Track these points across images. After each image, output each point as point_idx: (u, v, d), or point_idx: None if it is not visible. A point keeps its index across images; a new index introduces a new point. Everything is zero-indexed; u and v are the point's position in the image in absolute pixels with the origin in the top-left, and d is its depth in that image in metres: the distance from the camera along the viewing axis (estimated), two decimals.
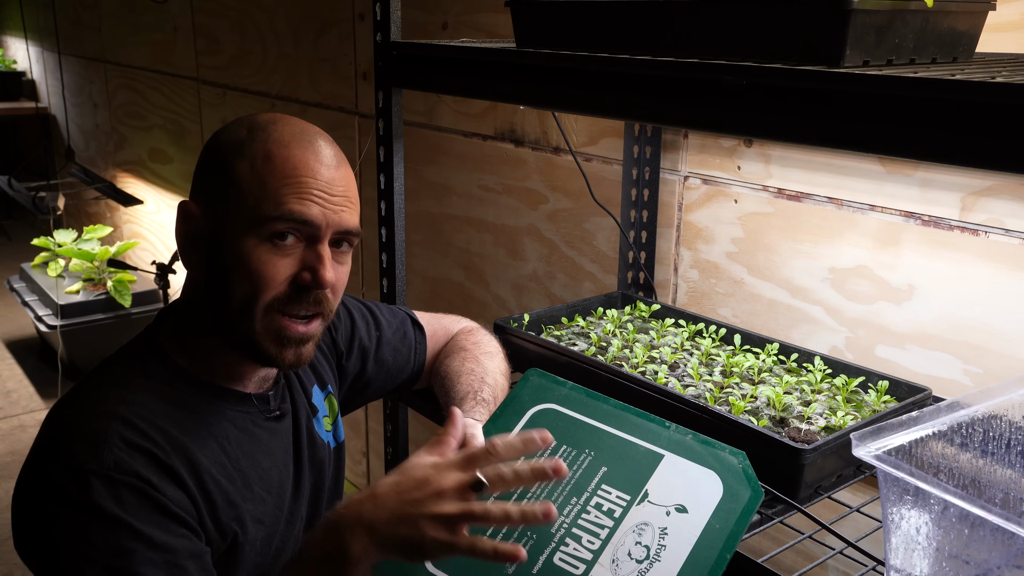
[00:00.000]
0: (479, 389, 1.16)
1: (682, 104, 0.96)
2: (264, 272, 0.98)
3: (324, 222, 0.99)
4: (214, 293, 1.01)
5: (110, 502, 0.89)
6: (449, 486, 0.87)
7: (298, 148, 1.00)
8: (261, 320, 0.99)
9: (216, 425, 1.02)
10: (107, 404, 0.96)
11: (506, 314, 1.87)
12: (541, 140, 1.98)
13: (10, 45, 6.45)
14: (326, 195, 0.99)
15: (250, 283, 0.98)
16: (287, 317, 1.00)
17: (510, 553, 0.84)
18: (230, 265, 0.99)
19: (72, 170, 4.93)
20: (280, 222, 0.97)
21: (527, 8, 1.16)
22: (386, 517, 0.87)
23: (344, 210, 1.01)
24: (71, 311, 3.61)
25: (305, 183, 0.98)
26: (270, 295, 0.98)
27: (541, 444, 0.89)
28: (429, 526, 0.85)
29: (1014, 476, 0.96)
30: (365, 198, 2.62)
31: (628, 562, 0.89)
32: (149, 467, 0.92)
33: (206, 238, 1.01)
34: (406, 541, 0.86)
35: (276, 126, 1.02)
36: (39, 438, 0.97)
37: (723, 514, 0.92)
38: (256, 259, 0.98)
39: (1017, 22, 1.19)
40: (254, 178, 0.98)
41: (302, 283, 0.99)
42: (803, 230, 1.48)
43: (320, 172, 0.99)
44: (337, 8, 2.58)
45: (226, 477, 1.00)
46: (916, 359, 1.36)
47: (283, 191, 0.97)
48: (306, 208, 0.98)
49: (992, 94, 0.70)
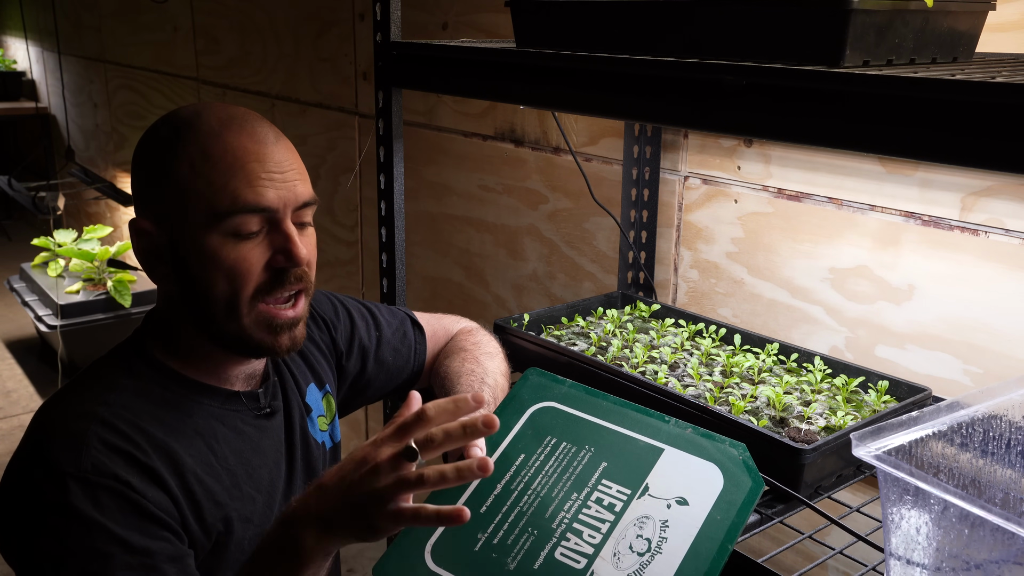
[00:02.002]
0: (479, 389, 1.16)
1: (682, 104, 0.96)
2: (239, 267, 0.97)
3: (281, 203, 0.98)
4: (193, 300, 1.00)
5: (88, 505, 0.88)
6: (383, 460, 0.86)
7: (232, 135, 0.98)
8: (248, 314, 0.99)
9: (203, 423, 1.02)
10: (88, 405, 0.96)
11: (506, 314, 1.87)
12: (541, 140, 1.98)
13: (10, 45, 6.45)
14: (276, 174, 0.98)
15: (228, 281, 0.97)
16: (273, 304, 1.00)
17: (452, 514, 0.83)
18: (200, 270, 0.98)
19: (72, 170, 4.93)
20: (238, 215, 0.96)
21: (527, 8, 1.16)
22: (331, 504, 0.87)
23: (296, 183, 1.00)
24: (71, 311, 3.61)
25: (252, 169, 0.97)
26: (251, 287, 0.98)
27: (474, 404, 0.88)
28: (371, 503, 0.85)
29: (1014, 476, 0.96)
30: (365, 198, 2.63)
31: (630, 555, 0.89)
32: (128, 469, 0.92)
33: (166, 250, 1.00)
34: (354, 522, 0.86)
35: (201, 119, 0.99)
36: (24, 438, 0.96)
37: (724, 505, 0.92)
38: (226, 257, 0.97)
39: (1017, 22, 1.19)
40: (198, 178, 0.96)
41: (278, 266, 0.99)
42: (803, 230, 1.48)
43: (263, 153, 0.98)
44: (337, 8, 2.58)
45: (212, 476, 1.00)
46: (916, 359, 1.36)
47: (232, 183, 0.96)
48: (261, 194, 0.96)
49: (992, 94, 0.70)
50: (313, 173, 2.88)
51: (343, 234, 2.76)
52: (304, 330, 1.05)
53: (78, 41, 4.86)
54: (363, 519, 0.86)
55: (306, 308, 1.04)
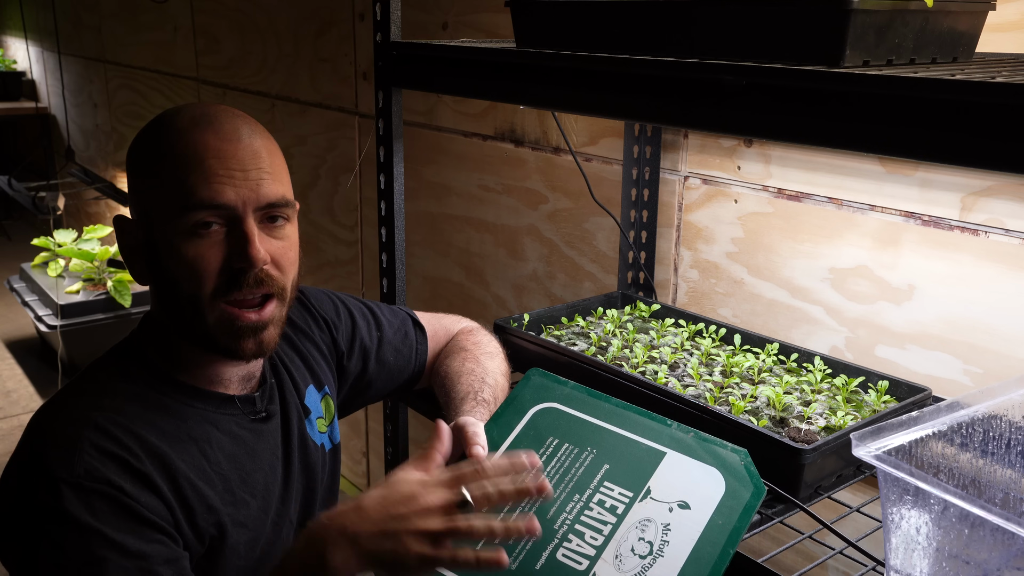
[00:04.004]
0: (479, 389, 1.16)
1: (682, 104, 0.96)
2: (196, 265, 0.96)
3: (239, 201, 0.96)
4: (164, 297, 1.01)
5: (81, 510, 0.88)
6: (435, 503, 0.86)
7: (198, 132, 0.97)
8: (211, 313, 0.98)
9: (197, 428, 1.02)
10: (82, 410, 0.96)
11: (506, 314, 1.87)
12: (541, 140, 1.98)
13: (10, 45, 6.45)
14: (237, 172, 0.96)
15: (188, 279, 0.97)
16: (236, 307, 0.98)
17: (492, 560, 0.84)
18: (168, 266, 0.98)
19: (72, 170, 4.93)
20: (196, 211, 0.95)
21: (527, 8, 1.16)
22: (370, 530, 0.87)
23: (262, 182, 0.98)
24: (71, 311, 3.61)
25: (209, 166, 0.96)
26: (208, 286, 0.97)
27: (528, 467, 0.90)
28: (413, 541, 0.85)
29: (1014, 476, 0.96)
30: (365, 198, 2.63)
31: (631, 557, 0.89)
32: (122, 474, 0.92)
33: (143, 245, 1.00)
34: (389, 555, 0.86)
35: (179, 116, 1.00)
36: (20, 443, 0.96)
37: (725, 510, 0.92)
38: (186, 254, 0.96)
39: (1017, 22, 1.19)
40: (166, 173, 0.97)
41: (235, 267, 0.97)
42: (803, 230, 1.48)
43: (224, 150, 0.96)
44: (337, 8, 2.58)
45: (205, 481, 0.99)
46: (916, 359, 1.36)
47: (191, 179, 0.95)
48: (217, 192, 0.95)
49: (992, 94, 0.70)
50: (313, 173, 2.90)
51: (343, 234, 2.76)
52: (276, 335, 1.02)
53: (78, 41, 4.86)
54: (398, 554, 0.86)
55: (276, 312, 1.01)
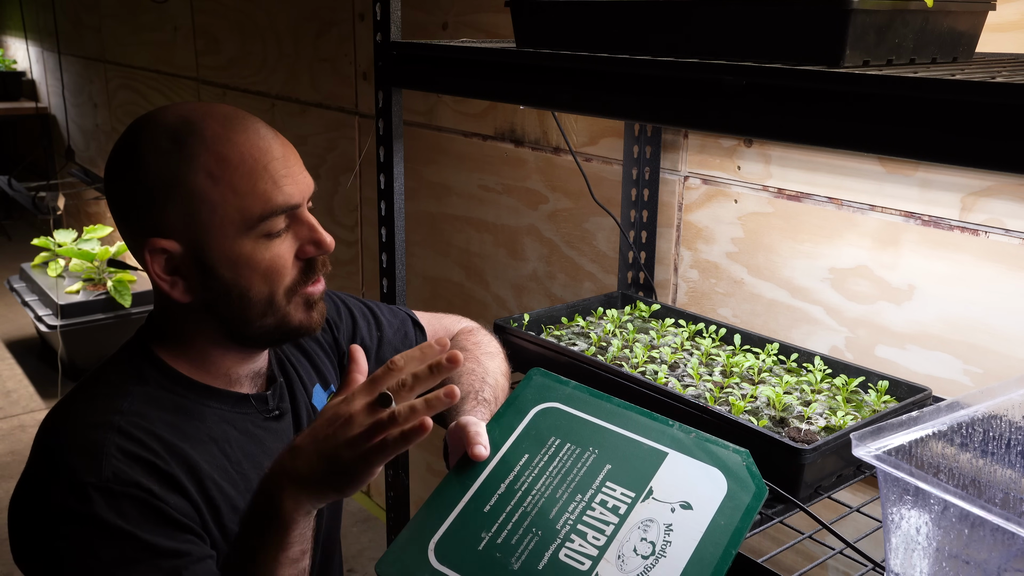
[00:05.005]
0: (480, 389, 1.16)
1: (682, 104, 0.96)
2: (275, 265, 0.99)
3: (301, 195, 1.00)
4: (227, 306, 0.99)
5: (112, 514, 0.88)
6: (356, 409, 0.87)
7: (241, 136, 0.97)
8: (286, 305, 1.01)
9: (215, 428, 1.02)
10: (102, 414, 0.95)
11: (506, 314, 1.87)
12: (541, 140, 1.98)
13: (10, 45, 6.45)
14: (291, 167, 0.99)
15: (265, 282, 0.99)
16: (304, 286, 1.03)
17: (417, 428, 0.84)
18: (234, 276, 0.98)
19: (72, 170, 4.93)
20: (274, 217, 0.97)
21: (527, 8, 1.16)
22: (306, 462, 0.87)
23: (304, 173, 1.02)
24: (71, 311, 3.61)
25: (272, 168, 0.97)
26: (287, 282, 1.00)
27: (439, 348, 0.90)
28: (346, 451, 0.85)
29: (1014, 476, 0.96)
30: (365, 198, 2.63)
31: (634, 558, 0.89)
32: (149, 476, 0.92)
33: (189, 265, 0.98)
34: (331, 475, 0.87)
35: (204, 124, 0.96)
36: (36, 450, 0.96)
37: (728, 511, 0.92)
38: (261, 259, 0.98)
39: (1017, 22, 1.19)
40: (219, 186, 0.95)
41: (310, 256, 1.02)
42: (803, 230, 1.49)
43: (273, 150, 0.98)
44: (337, 8, 2.58)
45: (228, 480, 1.00)
46: (916, 359, 1.36)
47: (260, 186, 0.96)
48: (288, 193, 0.98)
49: (992, 94, 0.70)
50: (313, 173, 2.87)
51: (343, 234, 2.76)
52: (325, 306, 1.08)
53: (78, 41, 4.86)
54: (339, 469, 0.86)
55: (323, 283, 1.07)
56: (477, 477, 0.97)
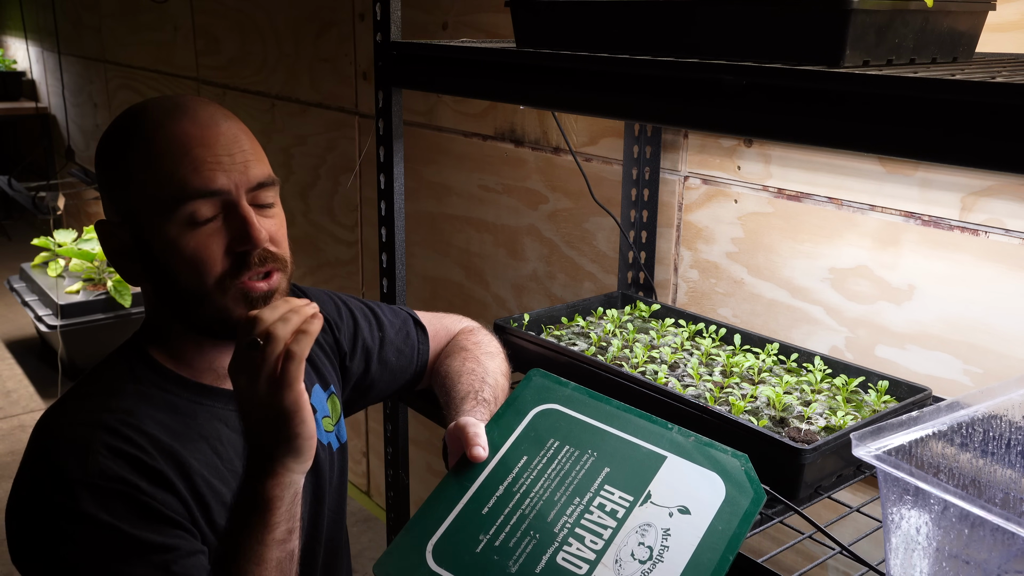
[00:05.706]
0: (480, 389, 1.16)
1: (682, 104, 0.96)
2: (199, 255, 0.97)
3: (231, 185, 0.98)
4: (164, 293, 1.01)
5: (99, 510, 0.88)
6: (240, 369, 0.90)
7: (175, 122, 0.97)
8: (221, 297, 0.99)
9: (207, 426, 1.02)
10: (92, 412, 0.96)
11: (506, 314, 1.87)
12: (541, 140, 1.98)
13: (10, 45, 6.45)
14: (224, 157, 0.97)
15: (191, 270, 0.97)
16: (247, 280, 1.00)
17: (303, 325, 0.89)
18: (166, 262, 0.98)
19: (72, 170, 4.93)
20: (190, 202, 0.96)
21: (527, 8, 1.16)
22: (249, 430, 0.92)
23: (248, 163, 0.99)
24: (71, 311, 3.61)
25: (197, 154, 0.96)
26: (215, 273, 0.98)
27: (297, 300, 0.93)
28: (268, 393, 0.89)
29: (1014, 476, 0.96)
30: (365, 198, 2.63)
31: (631, 562, 0.89)
32: (136, 472, 0.92)
33: (131, 246, 1.00)
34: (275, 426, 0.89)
35: (148, 111, 1.00)
36: (29, 447, 0.96)
37: (726, 516, 0.92)
38: (185, 246, 0.97)
39: (1017, 22, 1.19)
40: (148, 168, 0.96)
41: (239, 250, 0.98)
42: (803, 230, 1.48)
43: (207, 137, 0.97)
44: (337, 8, 2.58)
45: (219, 478, 1.00)
46: (916, 359, 1.36)
47: (179, 171, 0.96)
48: (209, 179, 0.96)
49: (992, 94, 0.70)
50: (313, 173, 2.90)
51: (343, 234, 2.76)
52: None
53: (78, 41, 4.86)
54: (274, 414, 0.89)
55: (281, 282, 1.03)
56: (476, 478, 0.97)
